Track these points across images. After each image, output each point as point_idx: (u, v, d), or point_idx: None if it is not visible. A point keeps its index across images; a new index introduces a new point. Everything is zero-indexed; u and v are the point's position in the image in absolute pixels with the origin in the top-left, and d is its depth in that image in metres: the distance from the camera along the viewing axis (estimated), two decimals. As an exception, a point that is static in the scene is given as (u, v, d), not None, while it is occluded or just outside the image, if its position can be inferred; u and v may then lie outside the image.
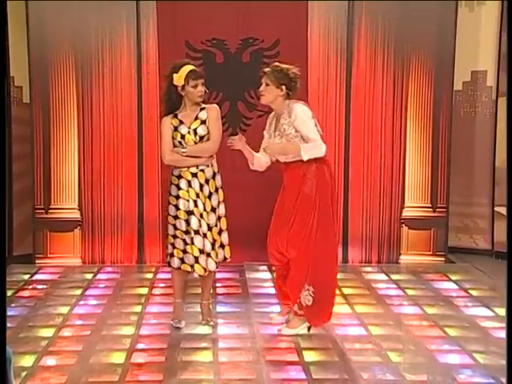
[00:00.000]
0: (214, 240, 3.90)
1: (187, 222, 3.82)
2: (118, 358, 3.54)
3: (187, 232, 3.83)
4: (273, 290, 4.77)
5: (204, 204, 3.85)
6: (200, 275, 3.91)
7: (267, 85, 3.82)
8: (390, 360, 3.53)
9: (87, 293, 4.74)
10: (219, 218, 3.95)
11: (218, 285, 4.95)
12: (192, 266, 3.85)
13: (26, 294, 4.72)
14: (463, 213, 6.03)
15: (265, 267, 5.37)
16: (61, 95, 5.44)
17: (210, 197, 3.89)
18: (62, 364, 3.46)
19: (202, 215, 3.83)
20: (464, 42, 5.60)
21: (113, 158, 5.49)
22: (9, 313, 4.13)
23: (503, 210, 5.83)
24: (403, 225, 5.64)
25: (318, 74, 5.49)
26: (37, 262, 5.50)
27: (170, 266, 3.97)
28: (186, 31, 5.43)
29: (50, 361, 3.51)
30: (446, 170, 5.61)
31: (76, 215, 5.55)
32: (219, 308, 4.39)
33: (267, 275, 5.20)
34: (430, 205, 5.66)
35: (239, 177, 5.53)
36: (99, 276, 5.21)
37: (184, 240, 3.85)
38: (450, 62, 5.49)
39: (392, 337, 3.88)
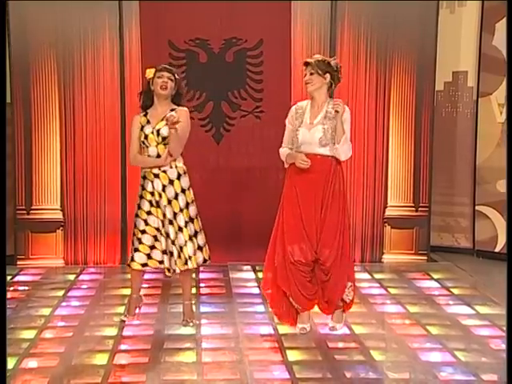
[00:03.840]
0: (186, 241, 3.87)
1: (146, 221, 3.87)
2: (101, 359, 3.52)
3: (144, 232, 3.87)
4: (257, 290, 4.78)
5: (166, 206, 3.83)
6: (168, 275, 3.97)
7: (311, 74, 3.77)
8: (372, 358, 3.55)
9: (70, 294, 4.71)
10: (191, 220, 3.91)
11: (201, 285, 4.94)
12: (160, 262, 3.92)
13: (7, 295, 4.67)
14: (445, 212, 6.10)
15: (248, 267, 5.38)
16: (42, 95, 5.40)
17: (176, 198, 3.86)
18: (44, 366, 3.44)
19: (164, 215, 3.83)
20: (445, 42, 5.66)
21: (95, 158, 5.45)
22: (-10, 315, 4.09)
23: (484, 209, 5.90)
24: (386, 224, 5.68)
25: (301, 73, 5.44)
26: (18, 263, 5.45)
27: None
28: (169, 31, 5.42)
29: (32, 363, 3.48)
30: (428, 169, 5.67)
31: (58, 216, 5.51)
32: (203, 308, 4.38)
33: (251, 275, 5.21)
34: (412, 204, 5.71)
35: (219, 177, 5.56)
36: (82, 277, 5.17)
37: (139, 239, 3.88)
38: (431, 62, 5.55)
39: (375, 335, 3.90)
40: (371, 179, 5.63)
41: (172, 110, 3.87)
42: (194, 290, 4.80)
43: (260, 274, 5.20)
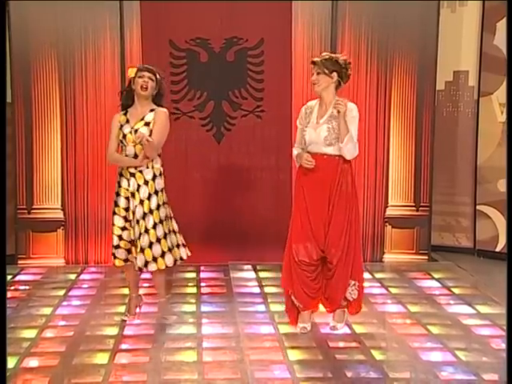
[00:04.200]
0: (151, 243, 3.84)
1: (125, 218, 3.89)
2: (102, 358, 3.52)
3: (124, 228, 3.89)
4: (257, 289, 4.79)
5: (137, 206, 3.83)
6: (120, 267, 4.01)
7: (318, 73, 3.73)
8: (373, 358, 3.55)
9: (70, 293, 4.71)
10: (161, 222, 3.88)
11: (202, 284, 4.94)
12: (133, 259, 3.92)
13: (8, 295, 4.66)
14: (446, 211, 6.09)
15: (249, 266, 5.38)
16: (43, 95, 5.40)
17: (148, 198, 3.86)
18: (45, 365, 3.44)
19: (134, 213, 3.84)
20: (446, 42, 5.65)
21: (96, 157, 5.45)
22: (-10, 314, 4.09)
23: (485, 209, 5.90)
24: (387, 224, 5.68)
25: (302, 73, 5.50)
26: (19, 262, 5.45)
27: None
28: (169, 30, 5.42)
29: (33, 362, 3.49)
30: (429, 169, 5.67)
31: (59, 215, 5.51)
32: (204, 307, 4.38)
33: (252, 274, 5.21)
34: (413, 204, 5.71)
35: (220, 176, 5.56)
36: (83, 276, 5.18)
37: (120, 236, 3.90)
38: (432, 62, 5.54)
39: (376, 335, 3.90)
40: (372, 179, 5.63)
41: (152, 111, 3.87)
42: (189, 290, 4.82)
43: (260, 274, 5.22)
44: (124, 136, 3.86)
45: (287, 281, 3.86)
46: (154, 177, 3.88)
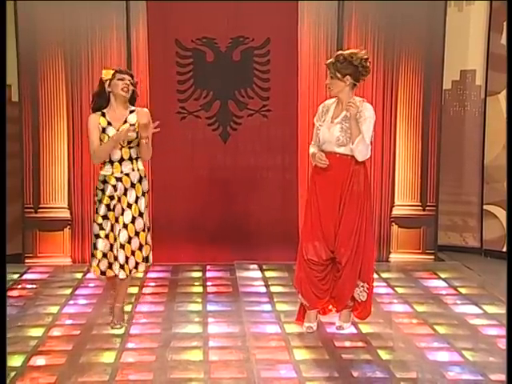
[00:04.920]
0: (140, 246, 3.86)
1: (101, 226, 3.80)
2: (108, 357, 3.53)
3: (107, 236, 3.81)
4: (263, 289, 4.79)
5: (124, 209, 3.79)
6: (121, 279, 3.89)
7: (332, 78, 3.70)
8: (379, 358, 3.54)
9: (77, 292, 4.72)
10: (147, 228, 3.89)
11: (208, 284, 4.95)
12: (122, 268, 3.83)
13: (15, 293, 4.70)
14: (453, 211, 6.07)
15: (255, 266, 5.38)
16: (50, 94, 5.41)
17: (136, 201, 3.84)
18: (52, 364, 3.45)
19: (117, 219, 3.79)
20: (453, 41, 5.63)
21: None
22: (-2, 312, 4.11)
23: (492, 209, 5.88)
24: (393, 223, 5.67)
25: (308, 72, 5.50)
26: (26, 261, 5.47)
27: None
28: (175, 30, 5.42)
29: (40, 361, 3.50)
30: (436, 168, 5.65)
31: (66, 214, 5.52)
32: (210, 307, 4.38)
33: (258, 274, 5.20)
34: (419, 203, 5.69)
35: (226, 176, 5.56)
36: (89, 275, 5.16)
37: (105, 244, 3.82)
38: (439, 61, 5.52)
39: (382, 335, 3.89)
40: (378, 178, 5.61)
41: (132, 112, 3.85)
42: (195, 289, 4.82)
43: (266, 273, 5.22)
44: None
45: (297, 279, 3.87)
46: (141, 178, 3.87)
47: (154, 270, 5.15)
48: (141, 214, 3.85)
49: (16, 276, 5.12)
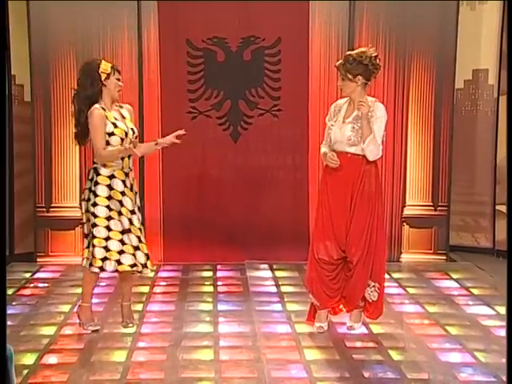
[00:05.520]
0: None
1: (121, 222, 3.73)
2: (120, 356, 3.54)
3: (123, 232, 3.73)
4: (274, 289, 4.78)
5: (134, 203, 3.80)
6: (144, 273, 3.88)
7: (343, 79, 3.70)
8: (391, 358, 3.53)
9: (88, 291, 4.74)
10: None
11: (218, 283, 4.95)
12: (144, 265, 3.80)
13: (27, 292, 4.73)
14: (464, 211, 6.03)
15: (266, 266, 5.38)
16: (62, 93, 5.44)
17: (136, 195, 3.87)
18: (64, 362, 3.46)
19: (132, 212, 3.77)
20: (465, 40, 5.59)
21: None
22: (10, 311, 4.14)
23: (504, 209, 5.83)
24: (404, 223, 5.64)
25: (319, 72, 5.49)
26: (38, 260, 5.50)
27: (102, 270, 3.77)
28: (186, 29, 5.44)
29: (52, 359, 3.51)
30: (448, 168, 5.61)
31: (77, 213, 5.50)
32: (220, 306, 4.39)
33: (268, 273, 5.20)
34: (431, 203, 5.66)
35: (236, 175, 5.56)
36: (100, 274, 5.19)
37: (121, 240, 3.73)
38: (451, 60, 5.49)
39: (393, 335, 3.88)
40: (389, 178, 5.59)
41: (121, 108, 3.83)
42: (206, 289, 4.82)
43: (277, 273, 5.22)
44: (126, 134, 3.72)
45: (308, 279, 3.87)
46: (133, 176, 3.90)
47: (165, 270, 5.16)
48: (139, 208, 3.87)
49: (28, 275, 5.15)
